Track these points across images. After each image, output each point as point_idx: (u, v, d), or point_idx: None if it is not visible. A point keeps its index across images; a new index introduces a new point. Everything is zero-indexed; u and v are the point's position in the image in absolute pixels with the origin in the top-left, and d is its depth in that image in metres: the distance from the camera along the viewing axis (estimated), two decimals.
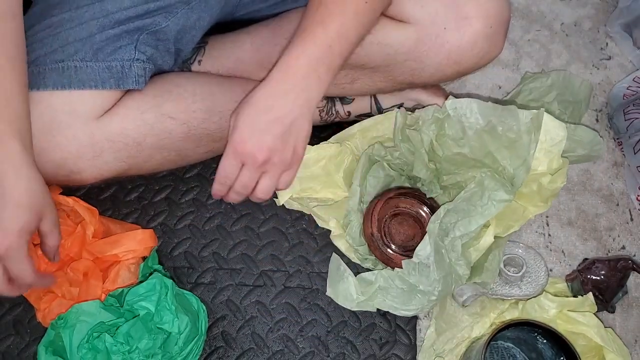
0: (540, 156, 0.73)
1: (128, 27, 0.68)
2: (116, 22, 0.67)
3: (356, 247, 0.79)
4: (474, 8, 0.70)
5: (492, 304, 0.78)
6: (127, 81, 0.67)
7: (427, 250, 0.69)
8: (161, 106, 0.70)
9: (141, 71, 0.68)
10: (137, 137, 0.69)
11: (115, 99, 0.68)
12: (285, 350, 0.76)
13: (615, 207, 0.91)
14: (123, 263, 0.73)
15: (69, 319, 0.67)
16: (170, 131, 0.71)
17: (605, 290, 0.79)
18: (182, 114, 0.71)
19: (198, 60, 0.82)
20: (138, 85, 0.68)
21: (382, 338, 0.78)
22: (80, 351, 0.65)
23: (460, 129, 0.73)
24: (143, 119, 0.69)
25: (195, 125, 0.72)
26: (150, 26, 0.69)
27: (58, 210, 0.76)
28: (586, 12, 1.10)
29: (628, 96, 0.96)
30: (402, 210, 0.81)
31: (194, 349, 0.70)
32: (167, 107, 0.70)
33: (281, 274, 0.81)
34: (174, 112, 0.70)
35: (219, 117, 0.73)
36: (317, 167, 0.80)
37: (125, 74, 0.67)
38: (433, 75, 0.75)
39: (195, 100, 0.72)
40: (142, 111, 0.69)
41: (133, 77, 0.68)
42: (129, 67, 0.67)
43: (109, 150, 0.68)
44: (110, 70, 0.66)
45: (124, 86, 0.67)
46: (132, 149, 0.69)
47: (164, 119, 0.70)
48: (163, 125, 0.70)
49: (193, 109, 0.72)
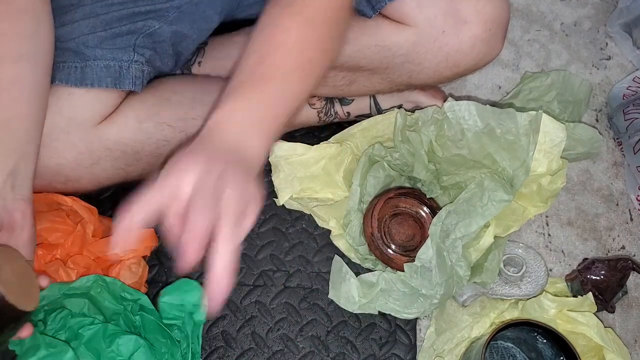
0: (539, 157, 0.73)
1: (120, 30, 0.67)
2: (107, 23, 0.67)
3: (356, 247, 0.79)
4: (472, 12, 0.70)
5: (492, 304, 0.78)
6: (124, 82, 0.66)
7: (430, 253, 0.69)
8: (159, 114, 0.69)
9: (139, 73, 0.68)
10: (135, 145, 0.68)
11: (114, 106, 0.68)
12: (285, 350, 0.76)
13: (615, 207, 0.91)
14: (124, 262, 0.73)
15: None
16: (169, 139, 0.70)
17: (605, 290, 0.79)
18: (181, 122, 0.70)
19: (198, 62, 0.82)
20: (135, 87, 0.67)
21: (382, 338, 0.78)
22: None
23: (459, 131, 0.74)
24: (141, 127, 0.68)
25: (193, 132, 0.71)
26: (144, 29, 0.69)
27: (57, 210, 0.76)
28: (586, 12, 1.10)
29: (628, 96, 0.96)
30: (402, 210, 0.81)
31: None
32: (165, 115, 0.70)
33: (281, 273, 0.81)
34: (172, 120, 0.70)
35: None
36: (317, 167, 0.80)
37: (122, 74, 0.66)
38: (431, 77, 0.75)
39: (195, 107, 0.71)
40: (140, 120, 0.68)
41: (130, 78, 0.67)
42: (126, 67, 0.67)
43: (107, 159, 0.67)
44: (108, 70, 0.66)
45: (120, 86, 0.66)
46: (130, 158, 0.69)
47: (163, 127, 0.70)
48: (161, 133, 0.69)
49: (192, 115, 0.71)
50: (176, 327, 0.71)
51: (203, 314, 0.72)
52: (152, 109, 0.69)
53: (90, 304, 0.70)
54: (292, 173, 0.80)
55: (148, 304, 0.69)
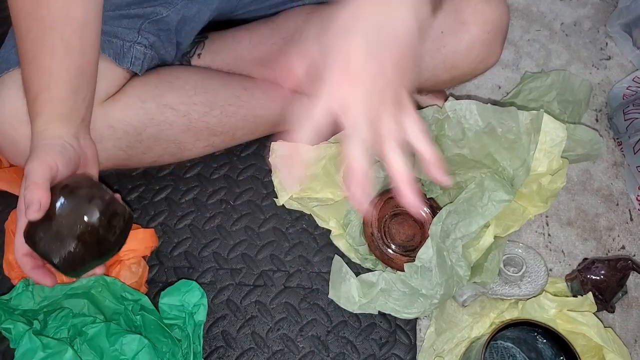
0: (540, 157, 0.73)
1: (128, 13, 0.68)
2: (116, 7, 0.68)
3: (356, 247, 0.79)
4: (472, 13, 0.70)
5: (492, 303, 0.78)
6: (123, 60, 0.68)
7: (430, 253, 0.69)
8: (162, 96, 0.71)
9: (140, 54, 0.69)
10: (138, 126, 0.69)
11: (118, 86, 0.69)
12: (285, 350, 0.76)
13: (615, 207, 0.91)
14: (124, 263, 0.73)
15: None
16: (171, 122, 0.71)
17: (605, 290, 0.79)
18: (183, 106, 0.71)
19: (198, 54, 0.82)
20: (133, 67, 0.69)
21: (382, 338, 0.78)
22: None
23: (460, 131, 0.74)
24: (144, 107, 0.69)
25: (196, 118, 0.72)
26: (152, 15, 0.70)
27: None
28: (586, 12, 1.10)
29: (628, 96, 0.96)
30: (402, 210, 0.81)
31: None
32: (168, 98, 0.71)
33: (281, 273, 0.81)
34: (175, 103, 0.71)
35: (219, 111, 0.74)
36: (317, 167, 0.80)
37: (124, 53, 0.68)
38: (428, 79, 0.75)
39: (197, 92, 0.72)
40: (144, 100, 0.69)
41: (130, 57, 0.68)
42: (128, 47, 0.68)
43: (109, 138, 0.68)
44: (110, 44, 0.67)
45: (120, 63, 0.68)
46: (132, 138, 0.69)
47: (165, 109, 0.70)
48: (164, 115, 0.70)
49: (194, 101, 0.72)
50: (177, 327, 0.71)
51: (203, 313, 0.72)
52: (154, 91, 0.70)
53: (90, 304, 0.70)
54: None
55: (148, 304, 0.69)
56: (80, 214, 0.57)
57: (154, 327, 0.68)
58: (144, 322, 0.69)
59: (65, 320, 0.69)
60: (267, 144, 0.78)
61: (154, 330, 0.68)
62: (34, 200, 0.54)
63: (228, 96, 0.74)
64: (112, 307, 0.70)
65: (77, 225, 0.57)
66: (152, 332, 0.69)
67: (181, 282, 0.73)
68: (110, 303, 0.70)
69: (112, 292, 0.69)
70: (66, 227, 0.57)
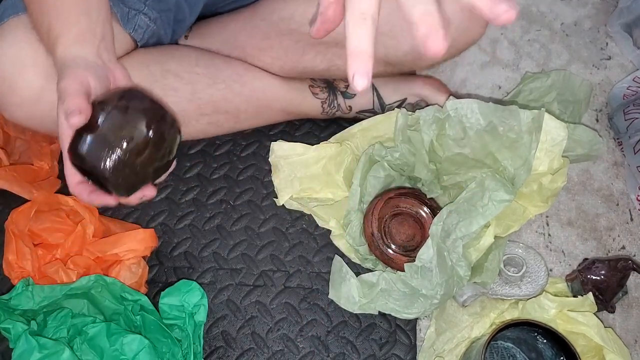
0: (541, 156, 0.73)
1: None
2: None
3: (356, 247, 0.79)
4: None
5: (492, 304, 0.78)
6: (127, 24, 0.69)
7: (430, 253, 0.69)
8: (165, 63, 0.73)
9: (143, 24, 0.70)
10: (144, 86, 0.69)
11: (123, 50, 0.70)
12: (285, 350, 0.76)
13: (615, 207, 0.91)
14: (124, 263, 0.73)
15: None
16: (176, 88, 0.73)
17: (605, 290, 0.79)
18: (186, 74, 0.73)
19: (185, 35, 0.84)
20: (136, 34, 0.70)
21: (382, 338, 0.78)
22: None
23: (461, 130, 0.73)
24: (149, 70, 0.71)
25: (200, 89, 0.74)
26: None
27: (57, 210, 0.76)
28: (586, 12, 1.10)
29: (628, 96, 0.96)
30: (403, 210, 0.81)
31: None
32: (171, 65, 0.73)
33: (281, 274, 0.81)
34: (178, 70, 0.73)
35: (224, 84, 0.76)
36: (317, 167, 0.80)
37: (129, 19, 0.69)
38: (408, 53, 0.74)
39: (199, 64, 0.75)
40: (147, 64, 0.71)
41: (134, 24, 0.70)
42: (133, 15, 0.69)
43: None
44: (118, 7, 0.68)
45: (124, 26, 0.69)
46: None
47: (169, 75, 0.72)
48: (168, 80, 0.72)
49: (197, 71, 0.74)
50: (177, 327, 0.71)
51: (203, 313, 0.72)
52: (157, 58, 0.73)
53: (90, 304, 0.70)
54: (292, 173, 0.81)
55: (148, 305, 0.69)
56: (126, 121, 0.54)
57: (154, 327, 0.68)
58: (144, 322, 0.69)
59: (65, 320, 0.68)
60: (267, 144, 0.78)
61: (154, 330, 0.68)
62: (73, 107, 0.52)
63: (230, 73, 0.77)
64: (111, 308, 0.70)
65: (125, 132, 0.54)
66: (151, 332, 0.69)
67: (181, 283, 0.73)
68: (110, 303, 0.69)
69: (111, 293, 0.69)
70: (113, 132, 0.53)
